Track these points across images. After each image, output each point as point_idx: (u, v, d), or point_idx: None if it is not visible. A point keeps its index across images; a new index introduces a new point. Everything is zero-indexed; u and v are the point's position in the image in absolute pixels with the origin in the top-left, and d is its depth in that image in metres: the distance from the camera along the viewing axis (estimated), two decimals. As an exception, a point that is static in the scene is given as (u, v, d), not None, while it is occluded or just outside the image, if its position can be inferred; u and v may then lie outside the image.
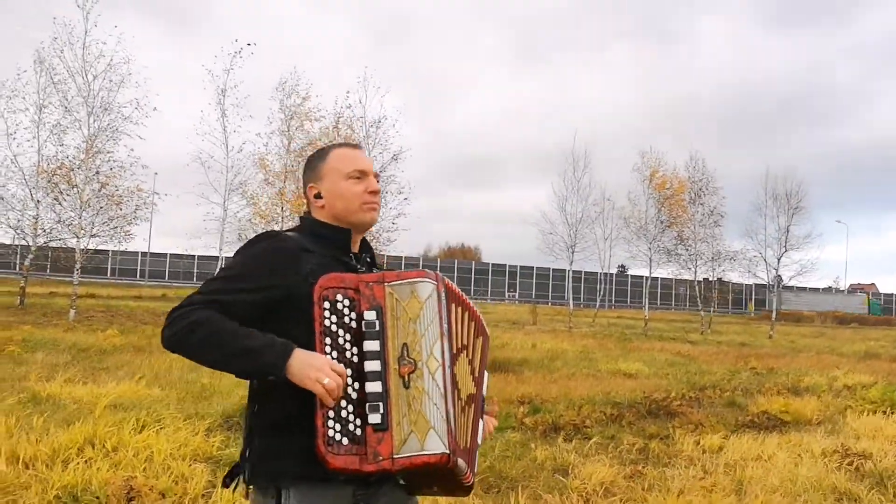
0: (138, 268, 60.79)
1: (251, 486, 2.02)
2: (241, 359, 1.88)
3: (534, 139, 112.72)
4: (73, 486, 4.58)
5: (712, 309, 37.08)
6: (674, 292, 68.85)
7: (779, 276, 33.77)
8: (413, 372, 1.90)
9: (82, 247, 20.86)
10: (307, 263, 2.00)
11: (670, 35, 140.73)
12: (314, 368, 1.82)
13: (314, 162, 2.22)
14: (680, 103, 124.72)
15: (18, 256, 22.97)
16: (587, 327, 29.57)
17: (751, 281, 38.64)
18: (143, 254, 60.54)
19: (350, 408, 1.88)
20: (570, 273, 35.26)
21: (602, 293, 51.31)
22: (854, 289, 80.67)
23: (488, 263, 71.63)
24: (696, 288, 33.95)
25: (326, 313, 1.90)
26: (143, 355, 12.41)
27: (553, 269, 64.36)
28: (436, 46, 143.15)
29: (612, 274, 66.26)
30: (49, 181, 20.86)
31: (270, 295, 1.97)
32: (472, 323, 2.13)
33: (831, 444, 7.01)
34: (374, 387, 1.88)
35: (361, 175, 2.17)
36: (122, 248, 22.75)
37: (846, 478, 5.92)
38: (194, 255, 57.59)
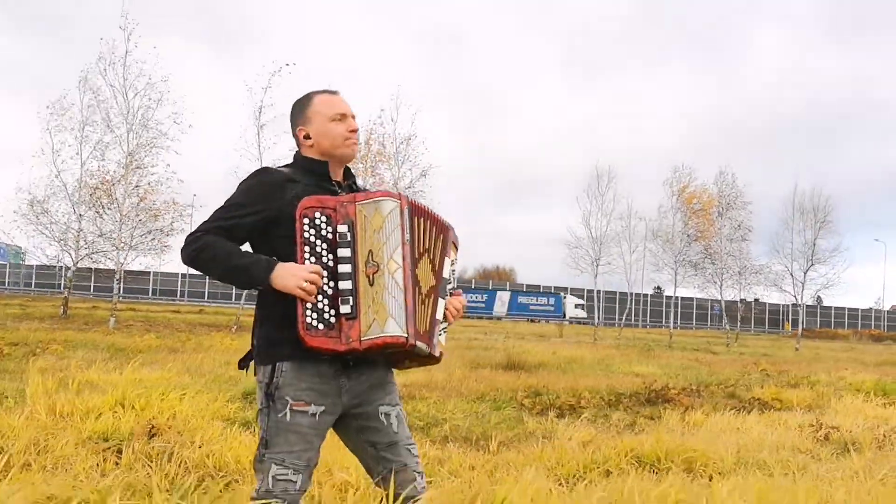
0: (178, 288, 62.31)
1: (257, 364, 2.59)
2: (236, 273, 2.44)
3: (580, 159, 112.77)
4: (104, 431, 5.23)
5: (738, 324, 37.10)
6: (709, 312, 68.49)
7: (819, 297, 33.80)
8: (376, 272, 2.43)
9: (122, 258, 21.83)
10: (292, 190, 2.54)
11: (725, 51, 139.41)
12: (292, 276, 2.37)
13: (300, 107, 2.73)
14: (730, 119, 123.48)
15: (63, 276, 23.86)
16: (612, 340, 29.89)
17: (788, 301, 38.61)
18: (183, 275, 62.18)
19: (326, 301, 2.42)
20: (596, 285, 35.57)
21: (636, 313, 51.50)
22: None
23: (522, 284, 71.93)
24: (723, 303, 34.06)
25: (306, 227, 2.43)
26: (177, 354, 13.10)
27: (586, 290, 64.45)
28: (487, 66, 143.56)
29: (647, 294, 66.21)
30: (91, 195, 21.91)
31: (262, 217, 2.51)
32: (434, 227, 2.65)
33: (808, 419, 7.43)
34: (345, 284, 2.42)
35: (342, 117, 2.70)
36: (159, 260, 23.62)
37: (812, 443, 6.35)
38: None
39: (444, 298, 2.73)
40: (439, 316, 2.70)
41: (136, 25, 22.23)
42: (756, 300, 42.56)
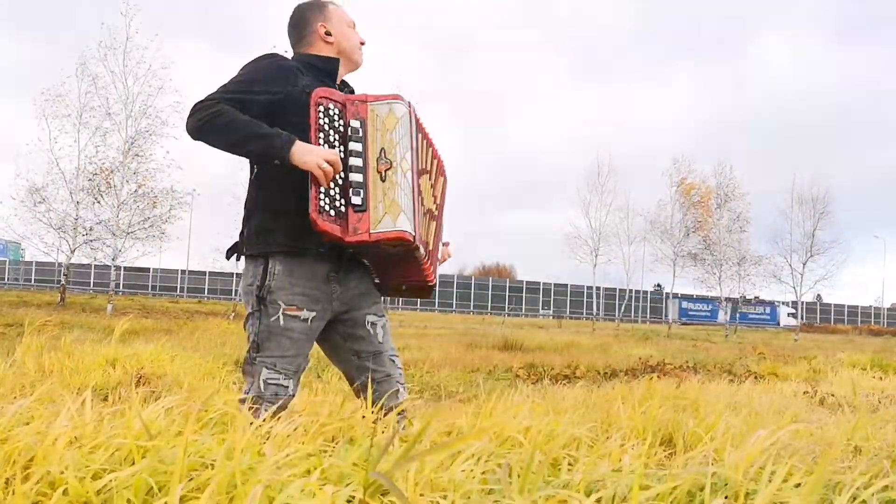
0: (178, 284, 62.29)
1: (245, 258, 2.59)
2: (256, 141, 2.38)
3: (580, 160, 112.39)
4: (93, 384, 5.20)
5: (738, 317, 37.06)
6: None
7: (818, 294, 33.79)
8: (389, 169, 2.42)
9: (119, 245, 21.80)
10: (303, 79, 2.54)
11: (730, 53, 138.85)
12: (314, 154, 2.34)
13: (318, 7, 2.72)
14: (735, 121, 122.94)
15: (63, 267, 23.73)
16: (611, 330, 29.87)
17: (788, 297, 38.72)
18: (183, 271, 62.17)
19: (337, 190, 2.41)
20: (595, 277, 35.65)
21: (636, 310, 51.41)
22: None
23: (522, 281, 71.93)
24: (723, 297, 34.02)
25: (321, 115, 2.42)
26: (172, 334, 13.08)
27: (586, 287, 64.41)
28: (490, 65, 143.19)
29: (648, 292, 66.27)
30: (90, 181, 21.86)
31: (273, 99, 2.48)
32: (435, 161, 2.69)
33: (804, 388, 7.39)
34: (356, 177, 2.42)
35: (354, 26, 2.77)
36: (158, 246, 23.49)
37: (806, 405, 6.31)
38: (232, 273, 58.93)
39: (441, 240, 2.79)
40: (438, 252, 2.75)
41: (138, 12, 22.27)
42: (756, 297, 42.50)
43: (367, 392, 2.59)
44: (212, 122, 2.39)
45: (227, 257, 2.67)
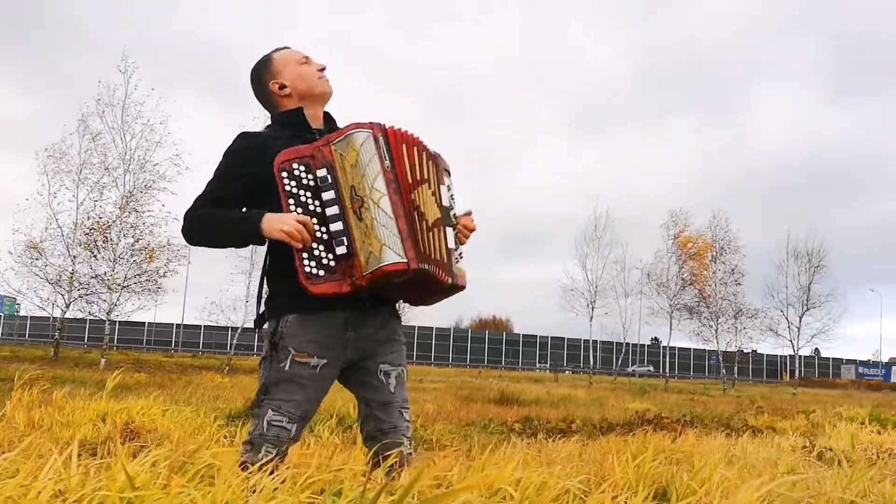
0: (173, 338, 61.88)
1: (266, 320, 2.62)
2: (235, 230, 2.51)
3: (578, 214, 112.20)
4: (83, 439, 5.15)
5: (736, 372, 36.90)
6: (706, 363, 68.20)
7: (816, 349, 33.79)
8: (362, 206, 2.41)
9: (115, 299, 21.74)
10: (273, 149, 2.52)
11: (728, 108, 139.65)
12: (278, 221, 2.40)
13: (264, 66, 2.74)
14: (731, 175, 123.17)
15: (57, 321, 23.57)
16: (608, 384, 29.68)
17: (786, 352, 38.76)
18: (178, 325, 61.79)
19: (321, 247, 2.43)
20: (591, 330, 35.52)
21: (634, 363, 51.15)
22: (894, 362, 79.03)
23: (519, 334, 71.82)
24: (720, 352, 33.93)
25: (286, 180, 2.45)
26: (165, 388, 12.96)
27: (583, 340, 64.22)
28: (490, 121, 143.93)
29: (645, 345, 66.09)
30: (87, 235, 21.86)
31: (247, 182, 2.54)
32: (431, 162, 2.63)
33: (801, 442, 7.32)
34: (336, 226, 2.43)
35: (307, 60, 2.75)
36: (154, 300, 23.37)
37: (803, 460, 6.25)
38: (227, 328, 58.44)
39: (451, 227, 2.69)
40: (451, 245, 2.65)
41: (136, 69, 22.54)
42: (754, 351, 42.49)
43: (371, 443, 2.60)
44: (196, 230, 2.57)
45: (257, 326, 2.67)
